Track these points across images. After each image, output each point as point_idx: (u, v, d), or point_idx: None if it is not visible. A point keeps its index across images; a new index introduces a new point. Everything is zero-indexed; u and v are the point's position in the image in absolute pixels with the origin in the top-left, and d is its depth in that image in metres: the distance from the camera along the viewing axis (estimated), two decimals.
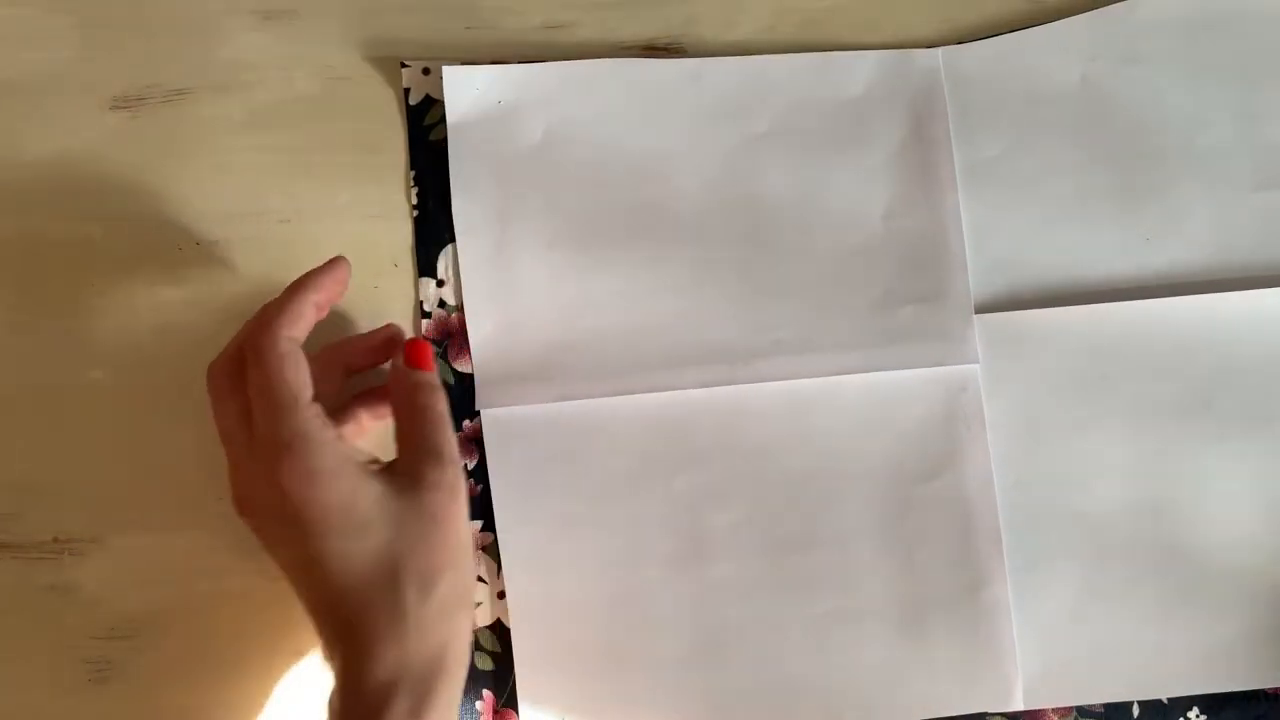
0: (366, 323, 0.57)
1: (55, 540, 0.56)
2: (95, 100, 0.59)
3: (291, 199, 0.58)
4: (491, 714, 0.56)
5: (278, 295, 0.50)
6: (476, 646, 0.55)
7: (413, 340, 0.52)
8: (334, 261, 0.52)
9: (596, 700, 0.54)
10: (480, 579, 0.56)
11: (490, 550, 0.56)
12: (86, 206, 0.58)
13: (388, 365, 0.53)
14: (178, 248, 0.58)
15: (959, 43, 0.60)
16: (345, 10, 0.60)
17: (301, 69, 0.59)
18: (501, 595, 0.55)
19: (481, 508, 0.57)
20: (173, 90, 0.59)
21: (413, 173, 0.58)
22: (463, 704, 0.54)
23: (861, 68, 0.60)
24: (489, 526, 0.56)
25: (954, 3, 0.61)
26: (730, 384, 0.56)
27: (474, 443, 0.57)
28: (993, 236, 0.58)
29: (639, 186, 0.58)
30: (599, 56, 0.60)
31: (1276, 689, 0.55)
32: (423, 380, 0.51)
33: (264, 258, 0.58)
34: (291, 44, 0.60)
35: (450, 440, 0.50)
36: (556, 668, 0.55)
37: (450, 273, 0.58)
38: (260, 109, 0.59)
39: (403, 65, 0.59)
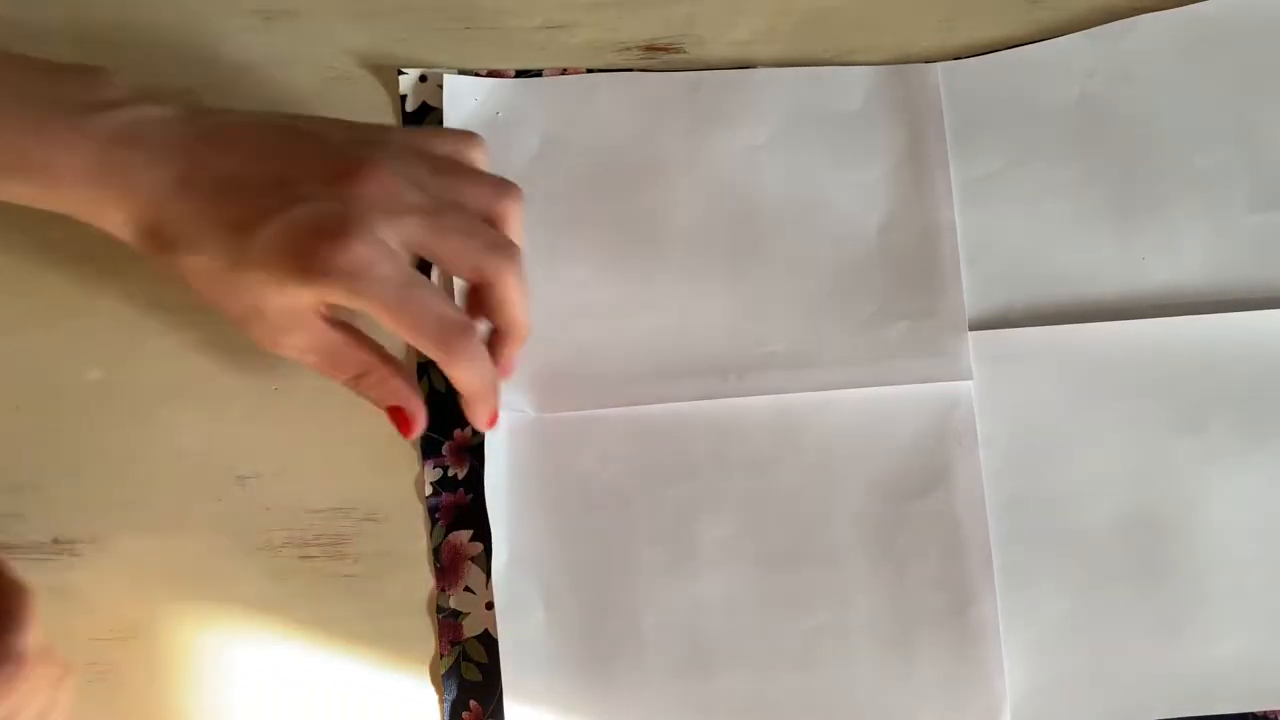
0: (362, 323, 0.57)
1: (55, 541, 0.56)
2: None
3: None
4: None
5: None
6: (464, 657, 0.55)
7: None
8: None
9: (584, 712, 0.54)
10: (468, 589, 0.56)
11: (479, 560, 0.56)
12: None
13: None
14: None
15: (957, 44, 0.60)
16: (345, 10, 0.60)
17: (301, 69, 0.59)
18: (490, 606, 0.55)
19: (472, 517, 0.57)
20: (173, 90, 0.59)
21: None
22: (449, 714, 0.55)
23: (860, 82, 0.59)
24: (478, 536, 0.56)
25: (953, 2, 0.60)
26: (722, 397, 0.56)
27: (465, 451, 0.57)
28: (988, 253, 0.58)
29: (635, 198, 0.58)
30: (599, 57, 0.60)
31: (1267, 712, 0.55)
32: None
33: None
34: (291, 44, 0.60)
35: None
36: (544, 679, 0.55)
37: (441, 281, 0.57)
38: (260, 109, 0.58)
39: (399, 72, 0.59)
